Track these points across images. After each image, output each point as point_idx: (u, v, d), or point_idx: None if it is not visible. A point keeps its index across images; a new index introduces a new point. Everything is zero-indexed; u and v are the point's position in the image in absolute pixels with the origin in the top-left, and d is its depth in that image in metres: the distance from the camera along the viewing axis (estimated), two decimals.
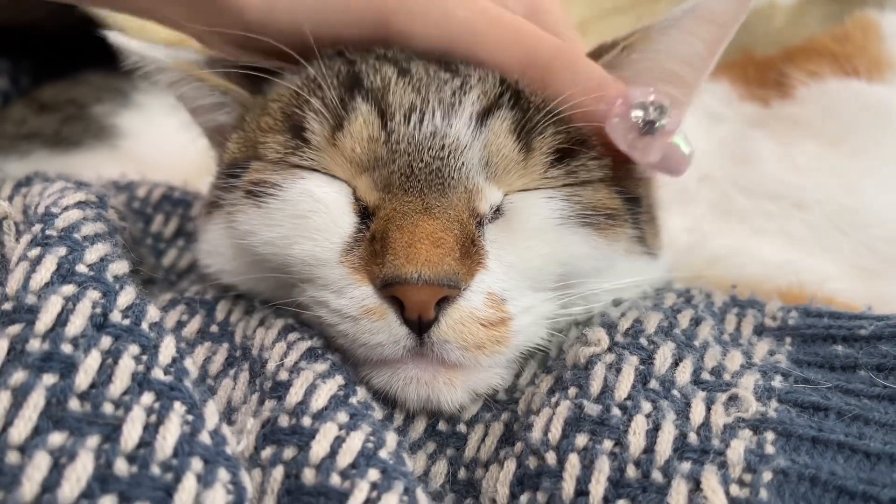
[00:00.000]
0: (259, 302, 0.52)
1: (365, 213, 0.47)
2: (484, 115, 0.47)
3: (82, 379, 0.37)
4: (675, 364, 0.44)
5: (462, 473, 0.45)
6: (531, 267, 0.47)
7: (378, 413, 0.44)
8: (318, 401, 0.41)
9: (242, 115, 0.54)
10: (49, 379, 0.36)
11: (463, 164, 0.46)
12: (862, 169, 0.69)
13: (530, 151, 0.48)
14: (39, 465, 0.33)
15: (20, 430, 0.34)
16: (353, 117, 0.47)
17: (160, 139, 0.88)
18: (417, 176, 0.46)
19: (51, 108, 0.91)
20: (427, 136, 0.46)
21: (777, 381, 0.44)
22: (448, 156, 0.46)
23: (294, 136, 0.49)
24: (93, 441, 0.35)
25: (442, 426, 0.47)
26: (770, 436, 0.40)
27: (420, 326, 0.43)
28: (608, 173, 0.51)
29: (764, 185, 0.70)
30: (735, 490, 0.37)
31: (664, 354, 0.45)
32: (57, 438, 0.34)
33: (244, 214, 0.49)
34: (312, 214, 0.47)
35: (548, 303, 0.48)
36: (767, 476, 0.37)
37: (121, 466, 0.34)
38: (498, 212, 0.48)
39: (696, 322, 0.48)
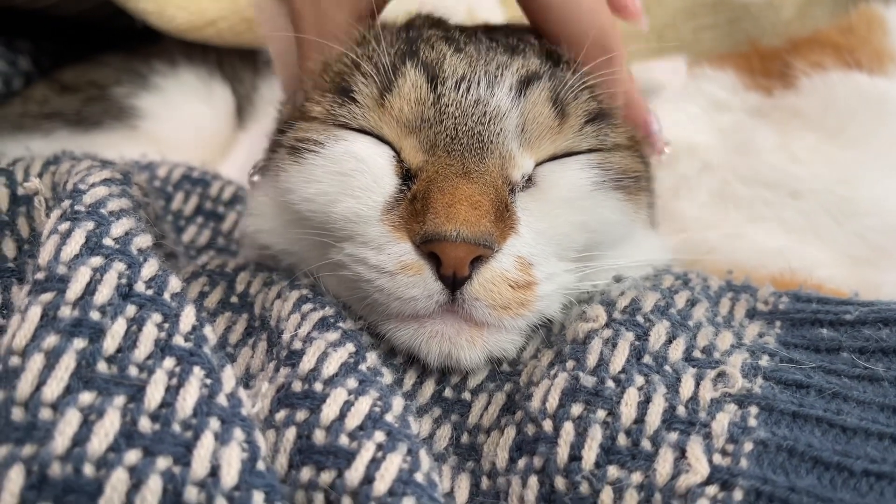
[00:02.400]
0: (286, 265, 0.55)
1: (406, 175, 0.50)
2: (523, 85, 0.50)
3: (109, 344, 0.39)
4: (669, 341, 0.46)
5: (465, 438, 0.48)
6: (559, 234, 0.50)
7: (387, 378, 0.46)
8: (329, 368, 0.44)
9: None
10: (79, 343, 0.38)
11: (501, 129, 0.49)
12: (857, 160, 0.70)
13: (565, 117, 0.51)
14: (71, 422, 0.36)
15: (53, 389, 0.37)
16: (403, 80, 0.50)
17: (178, 121, 0.91)
18: (461, 139, 0.49)
19: (72, 88, 0.94)
20: (472, 103, 0.50)
21: (764, 361, 0.46)
22: (489, 122, 0.49)
23: (341, 96, 0.52)
24: (119, 400, 0.37)
25: (448, 393, 0.50)
26: (754, 410, 0.42)
27: (454, 283, 0.46)
28: (630, 138, 0.55)
29: (761, 173, 0.72)
30: (717, 458, 0.40)
31: (658, 332, 0.47)
32: (86, 397, 0.37)
33: (285, 172, 0.52)
34: (356, 173, 0.49)
35: (568, 274, 0.51)
36: (748, 446, 0.40)
37: (144, 424, 0.37)
38: (530, 181, 0.51)
39: (692, 303, 0.51)
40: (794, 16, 1.03)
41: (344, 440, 0.40)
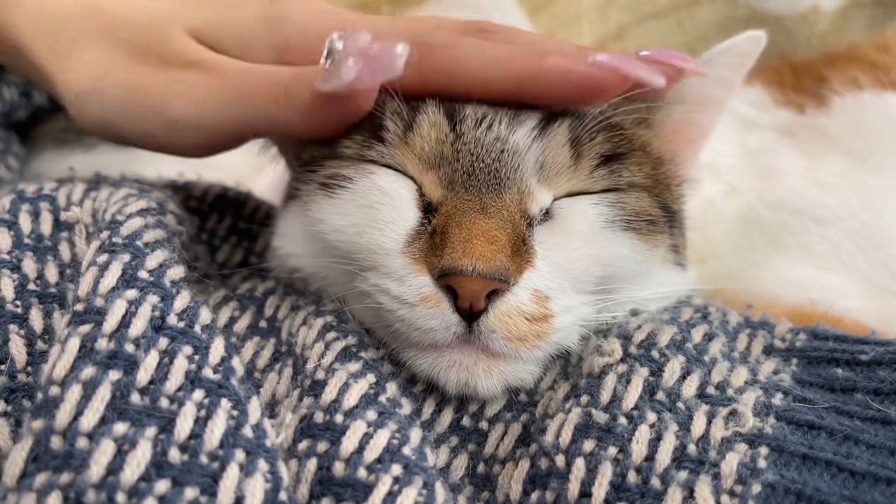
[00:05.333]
0: (315, 288, 0.57)
1: (428, 209, 0.52)
2: (545, 123, 0.52)
3: (143, 376, 0.41)
4: (683, 377, 0.47)
5: (481, 468, 0.49)
6: (575, 267, 0.51)
7: (406, 408, 0.48)
8: (350, 399, 0.45)
9: None
10: (114, 375, 0.41)
11: (518, 166, 0.51)
12: (885, 187, 0.69)
13: (580, 158, 0.52)
14: (105, 451, 0.38)
15: (89, 420, 0.39)
16: (423, 118, 0.52)
17: None
18: (478, 175, 0.50)
19: None
20: (490, 141, 0.51)
21: (777, 399, 0.47)
22: (507, 159, 0.51)
23: (371, 134, 0.54)
24: (151, 431, 0.39)
25: (466, 422, 0.51)
26: (764, 450, 0.43)
27: (470, 315, 0.47)
28: (649, 182, 0.55)
29: (786, 198, 0.72)
30: (725, 500, 0.40)
31: (673, 367, 0.48)
32: (120, 428, 0.39)
33: (317, 204, 0.54)
34: (380, 206, 0.51)
35: (586, 306, 0.52)
36: (756, 489, 0.40)
37: (174, 455, 0.39)
38: (547, 214, 0.52)
39: (709, 338, 0.51)
40: (828, 30, 1.02)
41: (362, 473, 0.42)
